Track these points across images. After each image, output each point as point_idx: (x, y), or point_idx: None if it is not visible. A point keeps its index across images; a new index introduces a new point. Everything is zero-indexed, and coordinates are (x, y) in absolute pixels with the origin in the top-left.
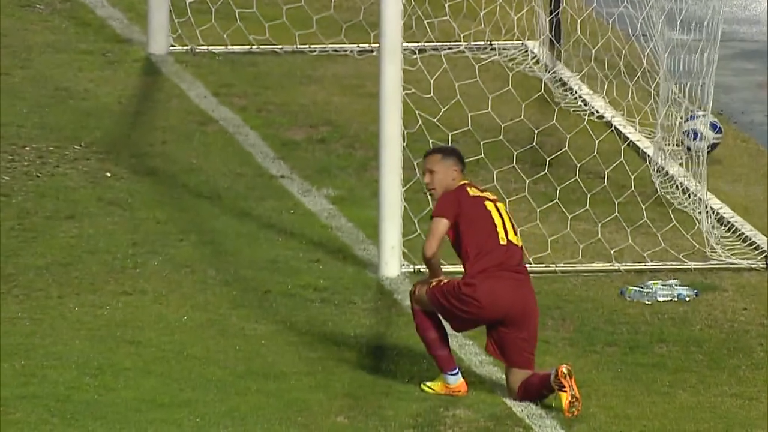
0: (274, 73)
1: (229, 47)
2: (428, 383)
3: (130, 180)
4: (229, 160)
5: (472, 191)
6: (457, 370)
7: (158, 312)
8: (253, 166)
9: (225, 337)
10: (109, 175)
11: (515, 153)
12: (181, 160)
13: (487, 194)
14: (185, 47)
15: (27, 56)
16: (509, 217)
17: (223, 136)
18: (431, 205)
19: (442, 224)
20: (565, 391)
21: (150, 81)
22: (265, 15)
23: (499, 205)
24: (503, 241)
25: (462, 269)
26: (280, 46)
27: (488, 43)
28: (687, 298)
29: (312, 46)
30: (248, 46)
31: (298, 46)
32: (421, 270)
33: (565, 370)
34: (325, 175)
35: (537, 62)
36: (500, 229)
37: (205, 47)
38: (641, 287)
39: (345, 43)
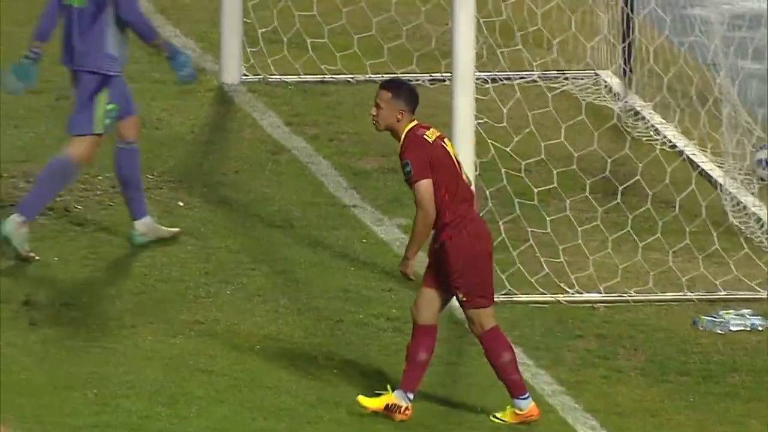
0: (346, 102)
1: (302, 76)
2: (498, 414)
3: (202, 209)
4: (302, 190)
5: (429, 135)
6: (528, 394)
7: (231, 341)
8: (326, 195)
9: (297, 366)
10: (181, 204)
11: (588, 182)
12: (254, 190)
13: (438, 133)
14: (258, 77)
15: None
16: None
17: (296, 165)
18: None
19: (428, 185)
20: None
21: (223, 110)
22: (337, 44)
23: (447, 141)
24: (465, 179)
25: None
26: (352, 76)
27: (560, 72)
28: (760, 328)
29: (384, 75)
30: (320, 76)
31: (370, 75)
32: (494, 299)
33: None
34: (397, 205)
35: (609, 91)
36: (458, 168)
37: (278, 77)
38: (714, 317)
39: (417, 72)
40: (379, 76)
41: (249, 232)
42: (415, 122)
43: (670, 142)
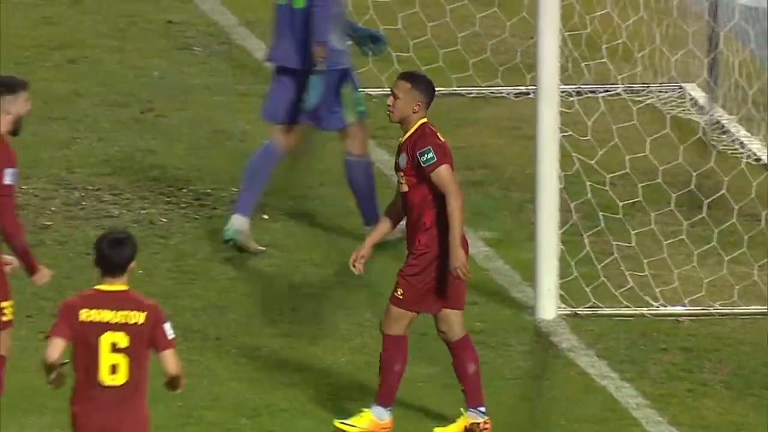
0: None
1: (386, 89)
2: (349, 420)
3: (287, 222)
4: (386, 202)
5: (441, 137)
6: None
7: (315, 354)
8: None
9: None
10: (266, 217)
11: (673, 196)
12: (339, 203)
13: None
14: None
15: (184, 98)
16: None
17: (380, 178)
18: (433, 156)
19: (449, 169)
20: None
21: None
22: (422, 58)
23: None
24: None
25: None
26: (438, 89)
27: (645, 85)
28: None
29: (468, 88)
30: None
31: (455, 89)
32: (578, 313)
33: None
34: (482, 218)
35: (694, 105)
36: None
37: (363, 89)
38: None
39: (501, 86)
40: (465, 89)
41: (334, 245)
42: (427, 120)
43: (756, 155)
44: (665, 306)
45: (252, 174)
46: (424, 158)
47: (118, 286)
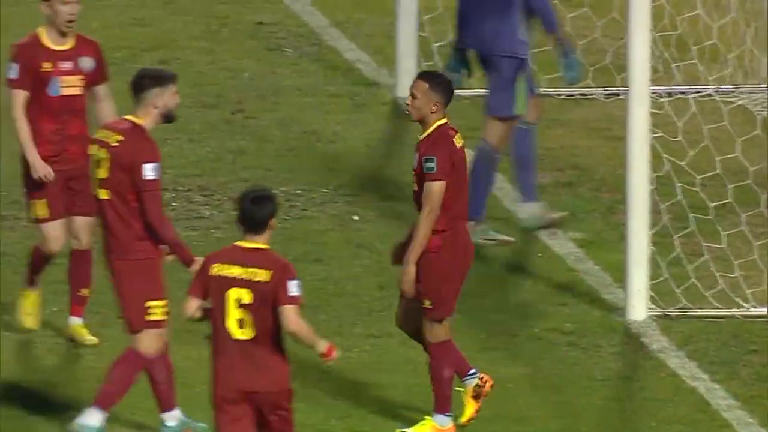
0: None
1: (476, 90)
2: (411, 429)
3: (377, 223)
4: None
5: (457, 140)
6: (451, 413)
7: (406, 355)
8: (501, 209)
9: None
10: (356, 218)
11: (763, 197)
12: None
13: (462, 141)
14: None
15: (275, 100)
16: None
17: None
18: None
19: (441, 188)
20: (477, 402)
21: (398, 124)
22: None
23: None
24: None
25: None
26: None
27: (736, 86)
28: None
29: (559, 89)
30: None
31: (546, 89)
32: (669, 314)
33: (489, 387)
34: (572, 219)
35: None
36: (467, 183)
37: None
38: None
39: (592, 87)
40: (555, 90)
41: None
42: (446, 120)
43: None
44: (756, 307)
45: (519, 159)
46: (427, 165)
47: (257, 243)
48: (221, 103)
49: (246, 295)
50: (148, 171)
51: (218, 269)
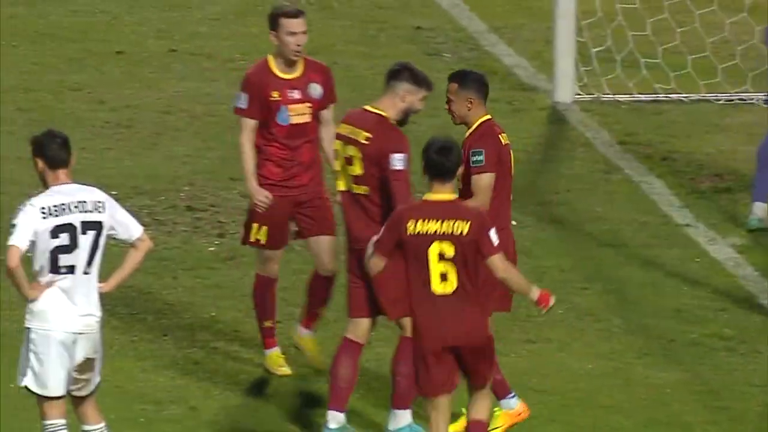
0: (679, 121)
1: (634, 96)
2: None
3: (534, 228)
4: (634, 209)
5: (503, 138)
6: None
7: (562, 360)
8: (658, 214)
9: (629, 386)
10: (514, 223)
11: None
12: (586, 209)
13: (508, 140)
14: (591, 95)
15: (434, 104)
16: None
17: (628, 184)
18: None
19: (490, 180)
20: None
21: (555, 129)
22: (671, 64)
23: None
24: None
25: None
26: (685, 95)
27: None
28: None
29: (717, 94)
30: (653, 95)
31: (704, 94)
32: None
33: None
34: (731, 224)
35: None
36: (511, 187)
37: (611, 95)
38: None
39: (750, 92)
40: (713, 95)
41: (581, 251)
42: (490, 117)
43: None
44: None
45: (763, 157)
46: (474, 159)
47: (446, 195)
48: None
49: (448, 249)
50: (396, 161)
51: (415, 227)
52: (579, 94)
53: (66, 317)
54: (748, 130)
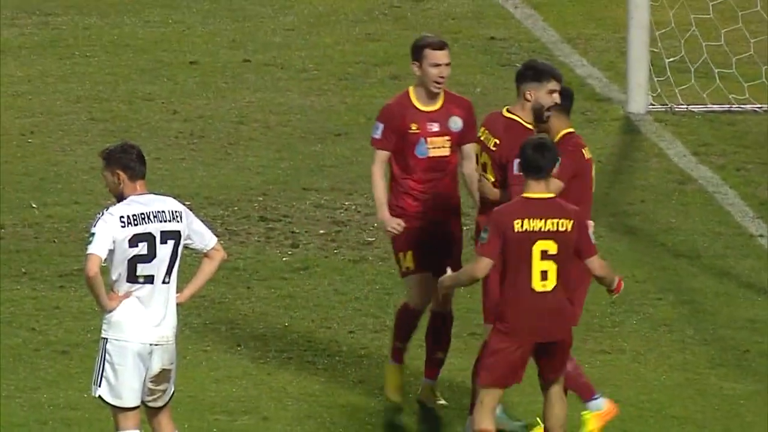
0: (753, 131)
1: (708, 106)
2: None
3: (608, 238)
4: (708, 219)
5: (586, 152)
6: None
7: (636, 371)
8: (732, 225)
9: (703, 396)
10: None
11: None
12: (660, 219)
13: (589, 152)
14: (664, 106)
15: None
16: None
17: (702, 195)
18: None
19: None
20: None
21: (629, 140)
22: (744, 74)
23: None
24: None
25: None
26: (759, 106)
27: None
28: None
29: None
30: (727, 105)
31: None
32: None
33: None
34: None
35: None
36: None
37: (684, 106)
38: None
39: None
40: None
41: (655, 261)
42: (572, 130)
43: None
44: None
45: None
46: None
47: (544, 193)
48: None
49: (552, 246)
50: (516, 166)
51: (520, 225)
52: (653, 105)
53: (142, 328)
54: None
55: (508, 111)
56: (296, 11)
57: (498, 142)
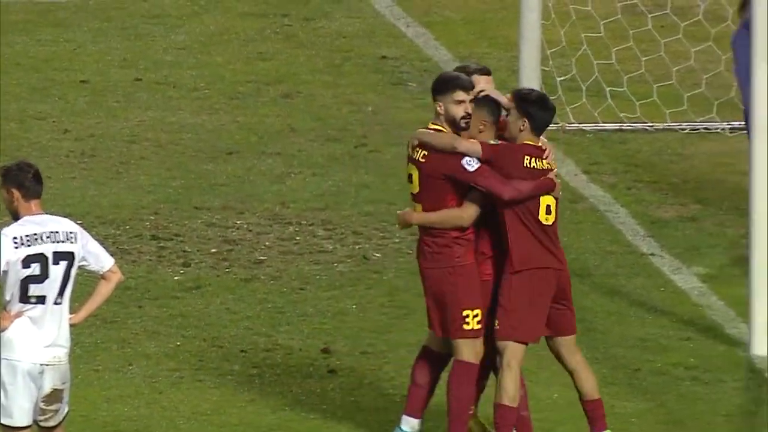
0: (644, 150)
1: (600, 124)
2: None
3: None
4: (599, 238)
5: (534, 162)
6: None
7: (529, 389)
8: (623, 243)
9: None
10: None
11: None
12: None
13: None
14: (556, 125)
15: (398, 133)
16: None
17: (593, 213)
18: None
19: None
20: None
21: None
22: (636, 93)
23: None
24: None
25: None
26: (650, 124)
27: None
28: None
29: (683, 123)
30: (619, 124)
31: (669, 123)
32: None
33: None
34: (695, 253)
35: None
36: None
37: (576, 124)
38: None
39: (716, 121)
40: (678, 124)
41: None
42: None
43: None
44: None
45: None
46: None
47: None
48: (345, 136)
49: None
50: (467, 164)
51: (533, 163)
52: None
53: (34, 348)
54: (713, 159)
55: (432, 124)
56: (187, 30)
57: (426, 153)
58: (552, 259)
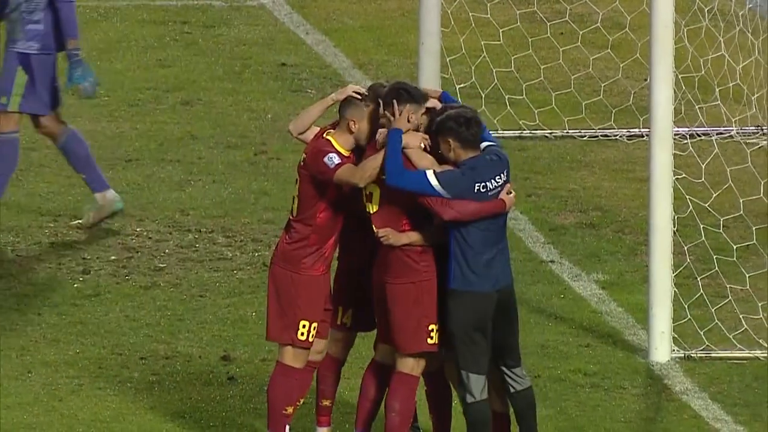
0: (543, 157)
1: (499, 131)
2: None
3: None
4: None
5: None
6: None
7: (421, 396)
8: (523, 250)
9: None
10: None
11: None
12: None
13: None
14: None
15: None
16: None
17: None
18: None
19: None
20: None
21: None
22: (535, 100)
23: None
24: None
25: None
26: (549, 131)
27: (759, 127)
28: None
29: (582, 130)
30: (518, 131)
31: (568, 131)
32: (692, 356)
33: None
34: (595, 260)
35: None
36: None
37: None
38: None
39: (614, 128)
40: (577, 131)
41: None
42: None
43: None
44: None
45: None
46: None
47: None
48: (245, 144)
49: None
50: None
51: None
52: None
53: None
54: (611, 166)
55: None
56: (87, 37)
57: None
58: None
